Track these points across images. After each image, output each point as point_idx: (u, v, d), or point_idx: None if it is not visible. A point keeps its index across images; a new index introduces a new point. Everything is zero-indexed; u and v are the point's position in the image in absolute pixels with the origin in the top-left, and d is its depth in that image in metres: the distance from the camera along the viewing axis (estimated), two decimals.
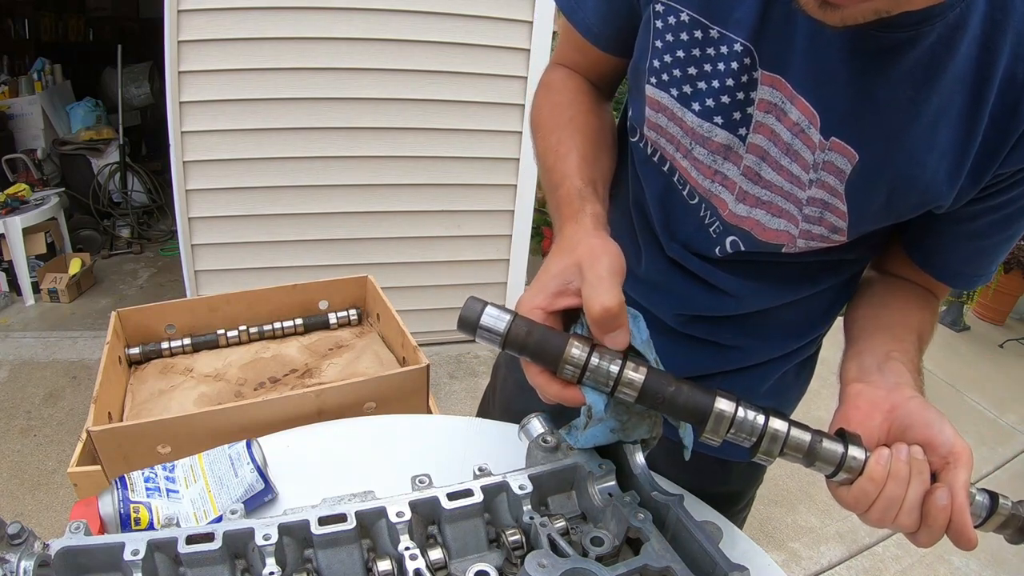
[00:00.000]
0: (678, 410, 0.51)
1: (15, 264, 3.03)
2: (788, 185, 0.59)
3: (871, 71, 0.52)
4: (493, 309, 0.49)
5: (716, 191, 0.64)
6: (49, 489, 2.00)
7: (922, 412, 0.53)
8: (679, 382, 0.51)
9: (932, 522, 0.50)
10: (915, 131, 0.53)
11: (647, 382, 0.50)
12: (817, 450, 0.52)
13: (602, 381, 0.50)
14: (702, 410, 0.51)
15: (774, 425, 0.51)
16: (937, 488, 0.50)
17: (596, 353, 0.50)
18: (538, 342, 0.49)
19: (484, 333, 0.49)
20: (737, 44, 0.55)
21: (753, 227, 0.63)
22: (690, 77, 0.59)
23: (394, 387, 1.21)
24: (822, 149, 0.55)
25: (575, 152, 0.66)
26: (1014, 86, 0.50)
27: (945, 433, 0.52)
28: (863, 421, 0.55)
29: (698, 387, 0.52)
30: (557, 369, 0.50)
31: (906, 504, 0.50)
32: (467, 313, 0.49)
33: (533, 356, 0.50)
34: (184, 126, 2.26)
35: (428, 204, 2.61)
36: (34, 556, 0.45)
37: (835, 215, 0.59)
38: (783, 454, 0.52)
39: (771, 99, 0.56)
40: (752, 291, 0.70)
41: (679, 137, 0.63)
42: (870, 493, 0.51)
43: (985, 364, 3.32)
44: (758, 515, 2.13)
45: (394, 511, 0.53)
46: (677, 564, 0.50)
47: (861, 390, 0.57)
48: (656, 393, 0.50)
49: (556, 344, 0.50)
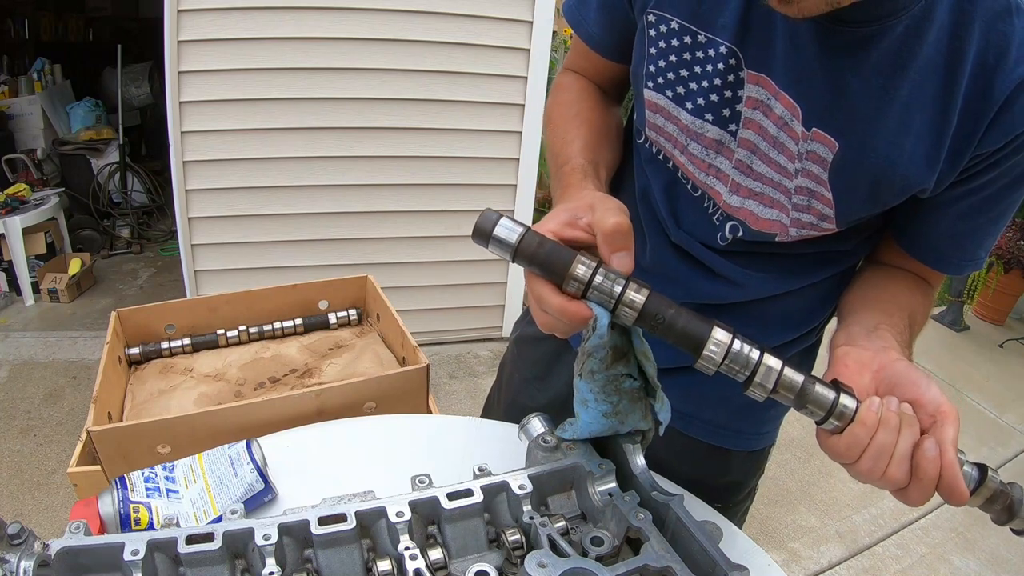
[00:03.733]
0: (676, 334, 0.51)
1: (15, 264, 3.03)
2: (778, 176, 0.63)
3: (844, 64, 0.55)
4: (507, 221, 0.51)
5: (711, 184, 0.68)
6: (49, 489, 2.00)
7: (909, 372, 0.54)
8: (679, 307, 0.51)
9: (922, 475, 0.49)
10: (889, 118, 0.56)
11: (648, 302, 0.50)
12: (809, 392, 0.51)
13: (605, 297, 0.50)
14: (699, 336, 0.51)
15: (769, 361, 0.51)
16: (926, 439, 0.50)
17: (602, 270, 0.51)
18: (548, 253, 0.51)
19: (497, 242, 0.51)
20: (723, 47, 0.60)
21: (747, 217, 0.66)
22: (682, 79, 0.64)
23: (394, 387, 1.20)
24: (805, 140, 0.59)
25: (579, 139, 0.71)
26: (984, 71, 0.53)
27: (932, 392, 0.52)
28: (851, 379, 0.55)
29: (697, 315, 0.52)
30: (563, 282, 0.51)
31: (897, 454, 0.50)
32: (482, 223, 0.51)
33: (542, 267, 0.51)
34: (184, 126, 2.26)
35: (428, 204, 2.61)
36: (34, 556, 0.45)
37: (821, 202, 0.61)
38: (775, 392, 0.51)
39: (757, 96, 0.60)
40: (753, 279, 0.73)
41: (675, 135, 0.67)
42: (861, 439, 0.50)
43: (985, 364, 3.31)
44: (758, 515, 2.13)
45: (394, 511, 0.53)
46: (677, 564, 0.50)
47: (849, 351, 0.57)
48: (656, 314, 0.50)
49: (564, 257, 0.51)
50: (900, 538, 2.13)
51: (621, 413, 0.57)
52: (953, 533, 2.16)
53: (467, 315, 2.92)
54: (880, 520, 2.19)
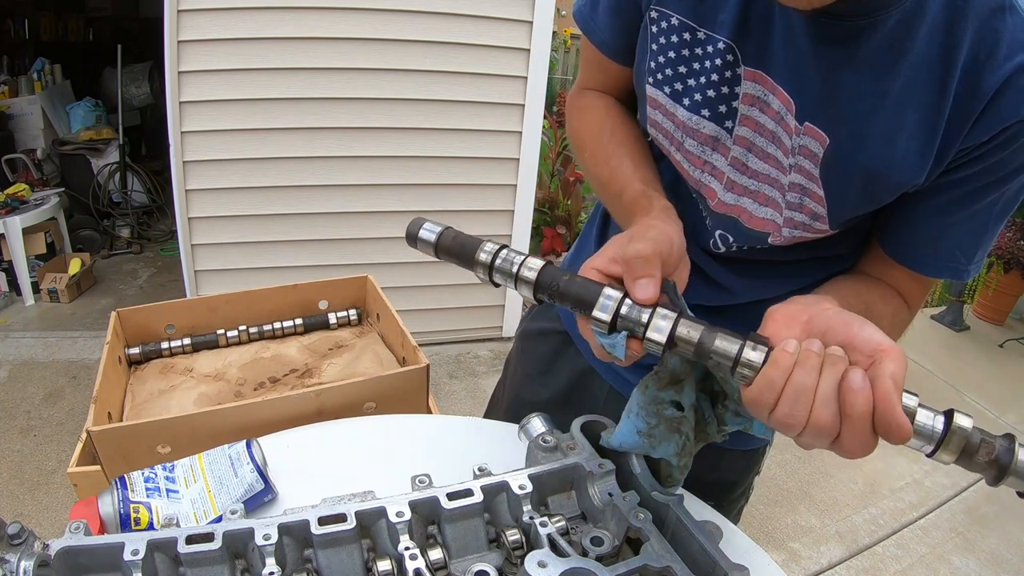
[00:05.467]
0: (568, 298, 0.53)
1: (15, 264, 3.03)
2: (774, 172, 0.63)
3: (837, 58, 0.55)
4: (430, 224, 0.63)
5: (706, 181, 0.68)
6: (49, 489, 2.00)
7: (841, 315, 0.48)
8: (576, 276, 0.54)
9: (850, 410, 0.43)
10: (881, 113, 0.55)
11: (542, 273, 0.55)
12: (708, 342, 0.48)
13: (508, 275, 0.56)
14: (589, 298, 0.52)
15: (660, 320, 0.50)
16: (849, 371, 0.44)
17: (505, 252, 0.57)
18: (461, 245, 0.59)
19: (420, 243, 0.63)
20: (720, 43, 0.61)
21: (740, 214, 0.67)
22: (680, 75, 0.65)
23: (394, 387, 1.20)
24: (797, 134, 0.59)
25: (627, 159, 0.70)
26: (975, 66, 0.53)
27: (866, 331, 0.46)
28: (779, 331, 0.49)
29: (592, 281, 0.53)
30: (472, 267, 0.58)
31: (820, 393, 0.44)
32: (411, 228, 0.63)
33: (457, 258, 0.60)
34: (184, 126, 2.26)
35: (428, 204, 2.61)
36: (34, 556, 0.46)
37: (813, 200, 0.61)
38: (674, 345, 0.50)
39: (754, 92, 0.61)
40: (746, 286, 0.73)
41: (672, 131, 0.68)
42: (775, 381, 0.45)
43: (985, 364, 3.31)
44: (758, 515, 2.13)
45: (394, 511, 0.53)
46: (677, 564, 0.50)
47: (777, 307, 0.52)
48: (551, 283, 0.54)
49: (472, 245, 0.58)
50: (900, 538, 2.13)
51: (655, 438, 0.57)
52: (953, 533, 2.16)
53: (467, 315, 2.91)
54: (880, 520, 2.19)
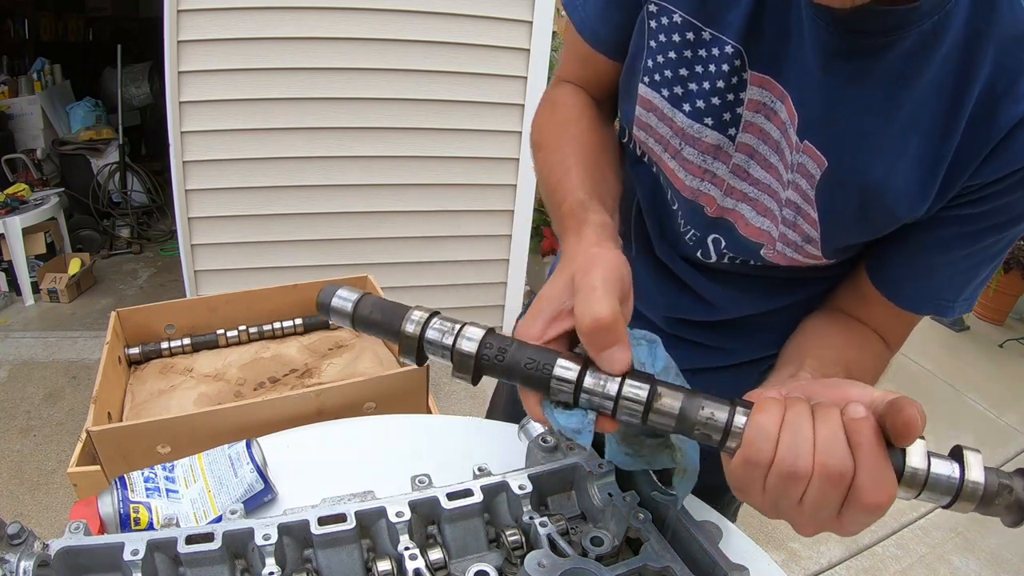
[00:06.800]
0: (516, 374, 0.45)
1: (15, 264, 3.03)
2: (775, 183, 0.59)
3: (844, 76, 0.51)
4: (345, 291, 0.52)
5: (705, 189, 0.63)
6: (49, 489, 2.00)
7: (828, 382, 0.44)
8: (525, 345, 0.45)
9: (860, 438, 0.38)
10: (884, 138, 0.52)
11: (483, 344, 0.46)
12: (692, 412, 0.43)
13: (444, 349, 0.47)
14: (540, 376, 0.44)
15: (633, 390, 0.44)
16: (848, 406, 0.40)
17: (438, 320, 0.48)
18: (383, 312, 0.50)
19: (334, 314, 0.52)
20: (728, 46, 0.55)
21: (737, 220, 0.63)
22: (682, 78, 0.59)
23: (394, 387, 1.21)
24: (797, 151, 0.55)
25: (579, 166, 0.63)
26: (992, 98, 0.48)
27: (855, 388, 0.41)
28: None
29: (546, 350, 0.45)
30: (397, 340, 0.49)
31: (822, 434, 0.39)
32: (322, 297, 0.52)
33: (378, 329, 0.50)
34: (184, 126, 2.26)
35: (428, 204, 2.61)
36: (34, 556, 0.45)
37: (807, 222, 0.58)
38: (651, 413, 0.44)
39: (760, 99, 0.56)
40: (732, 300, 0.70)
41: (668, 137, 0.63)
42: (767, 428, 0.40)
43: (985, 364, 3.31)
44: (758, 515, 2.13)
45: (394, 511, 0.53)
46: (677, 564, 0.50)
47: (751, 392, 0.48)
48: (495, 355, 0.45)
49: (397, 314, 0.49)
50: (900, 538, 2.13)
51: (646, 456, 0.56)
52: (953, 533, 2.16)
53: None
54: (880, 520, 2.19)
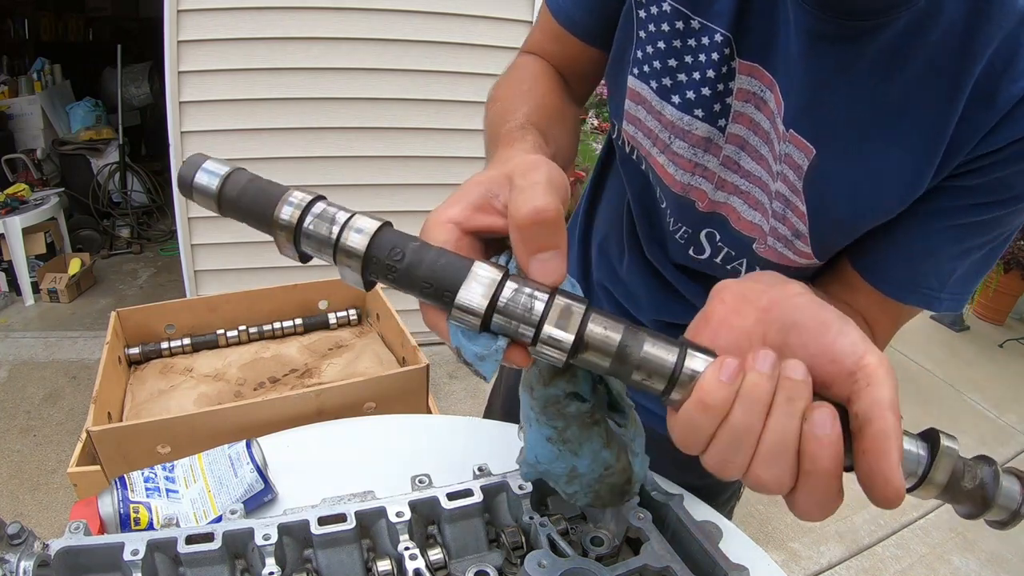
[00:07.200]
0: (415, 279, 0.35)
1: (15, 264, 3.03)
2: (765, 176, 0.57)
3: (831, 61, 0.49)
4: (213, 163, 0.39)
5: (696, 183, 0.61)
6: (49, 489, 2.00)
7: (815, 310, 0.36)
8: (428, 246, 0.36)
9: (811, 465, 0.32)
10: (875, 126, 0.50)
11: (377, 239, 0.36)
12: (631, 351, 0.35)
13: (324, 243, 0.38)
14: (449, 279, 0.35)
15: (562, 315, 0.34)
16: (815, 409, 0.32)
17: (323, 206, 0.38)
18: (255, 193, 0.38)
19: (197, 193, 0.40)
20: (718, 35, 0.54)
21: (729, 213, 0.61)
22: (670, 69, 0.57)
23: (394, 387, 1.21)
24: (783, 140, 0.53)
25: (526, 106, 0.57)
26: (990, 77, 0.46)
27: (848, 336, 0.34)
28: (727, 318, 0.38)
29: (454, 254, 0.36)
30: (271, 230, 0.39)
31: (767, 443, 0.33)
32: (184, 171, 0.39)
33: (248, 216, 0.40)
34: (184, 126, 2.26)
35: (428, 204, 2.60)
36: (34, 556, 0.45)
37: (796, 215, 0.55)
38: (579, 355, 0.35)
39: (749, 88, 0.54)
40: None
41: (657, 131, 0.61)
42: (700, 425, 0.34)
43: (985, 364, 3.31)
44: (758, 515, 2.13)
45: (394, 511, 0.53)
46: (677, 564, 0.50)
47: (727, 284, 0.40)
48: (392, 255, 0.35)
49: (272, 195, 0.38)
50: (900, 538, 2.13)
51: (571, 442, 0.45)
52: (953, 533, 2.16)
53: None
54: (880, 520, 2.19)
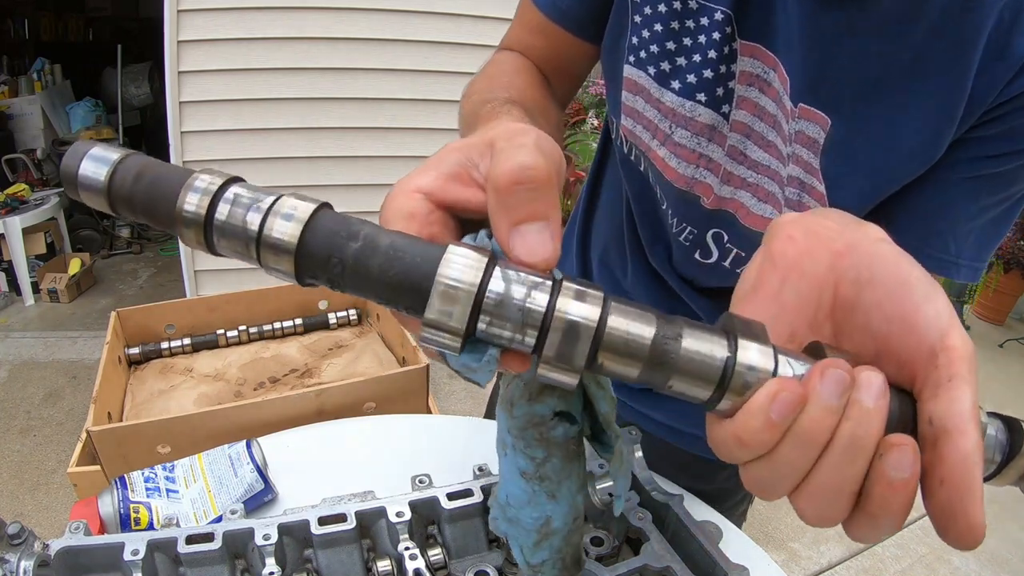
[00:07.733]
0: (370, 279, 0.28)
1: (15, 264, 3.03)
2: (775, 163, 0.54)
3: (839, 24, 0.47)
4: (100, 149, 0.29)
5: (700, 176, 0.58)
6: (49, 489, 2.00)
7: (898, 265, 0.28)
8: (386, 232, 0.30)
9: (877, 509, 0.25)
10: (890, 89, 0.48)
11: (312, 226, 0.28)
12: (668, 352, 0.26)
13: (242, 237, 0.28)
14: (419, 277, 0.26)
15: (574, 303, 0.25)
16: (893, 449, 0.24)
17: (239, 189, 0.30)
18: (152, 182, 0.29)
19: (84, 190, 0.29)
20: (718, 13, 0.51)
21: (738, 209, 0.58)
22: (669, 53, 0.54)
23: (394, 387, 1.21)
24: (793, 118, 0.50)
25: (504, 97, 0.51)
26: (1000, 31, 0.45)
27: (934, 305, 0.27)
28: (799, 261, 0.30)
29: (423, 241, 0.29)
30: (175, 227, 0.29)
31: (816, 483, 0.26)
32: (67, 161, 0.29)
33: (148, 214, 0.29)
34: (184, 126, 2.26)
35: None
36: (34, 556, 0.45)
37: (813, 197, 0.52)
38: (597, 364, 0.26)
39: (752, 70, 0.52)
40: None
41: (657, 122, 0.57)
42: (737, 456, 0.27)
43: (985, 364, 3.31)
44: (758, 515, 2.13)
45: (394, 511, 0.53)
46: (677, 564, 0.50)
47: (793, 219, 0.32)
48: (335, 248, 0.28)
49: (173, 183, 0.29)
50: (900, 538, 2.13)
51: (549, 480, 0.37)
52: None
53: None
54: None
